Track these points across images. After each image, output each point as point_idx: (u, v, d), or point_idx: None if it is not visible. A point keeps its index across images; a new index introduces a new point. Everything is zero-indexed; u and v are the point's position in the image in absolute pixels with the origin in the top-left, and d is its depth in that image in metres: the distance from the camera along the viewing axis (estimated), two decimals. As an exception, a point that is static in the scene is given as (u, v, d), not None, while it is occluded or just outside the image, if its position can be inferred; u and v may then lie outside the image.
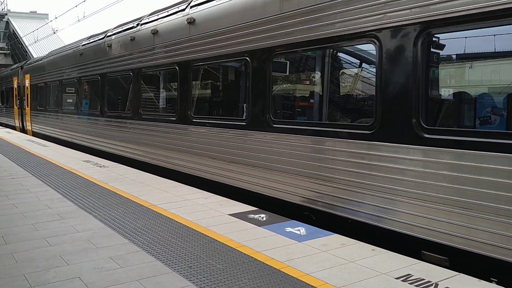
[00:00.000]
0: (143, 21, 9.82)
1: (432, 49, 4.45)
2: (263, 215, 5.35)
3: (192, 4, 7.98)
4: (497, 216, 3.73)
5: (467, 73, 4.70)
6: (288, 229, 4.78)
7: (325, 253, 4.07)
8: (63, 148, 13.03)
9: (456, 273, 3.59)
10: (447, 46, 4.47)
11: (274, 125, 6.00)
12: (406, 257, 3.96)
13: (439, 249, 4.17)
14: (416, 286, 3.35)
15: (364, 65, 5.59)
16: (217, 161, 7.09)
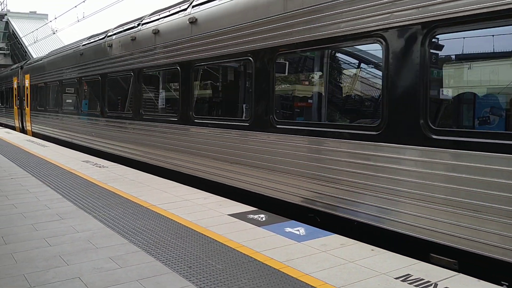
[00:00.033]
0: (144, 21, 9.76)
1: (440, 49, 4.38)
2: (262, 215, 5.35)
3: (194, 4, 7.93)
4: (508, 218, 3.66)
5: (476, 73, 4.62)
6: (288, 229, 4.79)
7: (324, 253, 4.07)
8: (63, 148, 13.03)
9: (456, 273, 3.59)
10: (455, 45, 4.39)
11: (277, 126, 5.94)
12: (405, 257, 3.96)
13: (448, 252, 4.09)
14: (415, 286, 3.35)
15: (369, 65, 5.51)
16: (219, 162, 7.04)
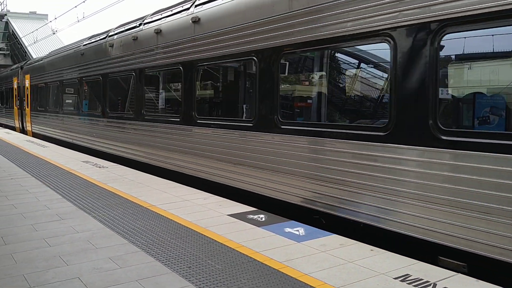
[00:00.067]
0: (146, 21, 9.67)
1: (450, 48, 4.28)
2: (262, 216, 5.36)
3: (197, 3, 7.84)
4: None
5: (488, 72, 4.51)
6: (287, 230, 4.80)
7: (324, 253, 4.08)
8: (62, 149, 13.03)
9: (454, 273, 3.60)
10: (466, 45, 4.28)
11: (282, 127, 5.87)
12: (404, 257, 3.97)
13: (458, 255, 4.00)
14: (414, 286, 3.36)
15: (376, 65, 5.42)
16: (222, 163, 6.97)
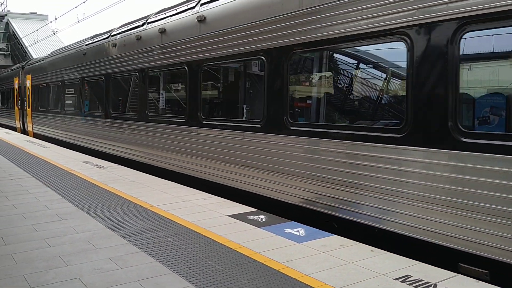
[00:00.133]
0: (150, 20, 9.51)
1: (472, 47, 4.12)
2: (262, 216, 5.36)
3: (202, 2, 7.71)
4: None
5: (510, 72, 4.32)
6: (288, 230, 4.79)
7: (324, 254, 4.08)
8: (63, 149, 13.03)
9: (455, 274, 3.60)
10: (488, 43, 4.08)
11: (292, 128, 5.72)
12: (405, 258, 3.97)
13: (480, 262, 3.86)
14: (415, 287, 3.36)
15: (392, 65, 5.22)
16: (228, 164, 6.84)
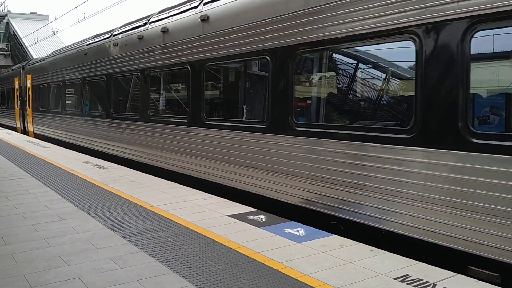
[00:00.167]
0: (152, 19, 9.42)
1: (482, 46, 4.05)
2: (262, 216, 5.36)
3: (205, 1, 7.65)
4: None
5: None
6: (287, 230, 4.80)
7: (324, 254, 4.09)
8: (63, 149, 13.04)
9: (454, 273, 3.61)
10: (498, 42, 4.02)
11: (297, 128, 5.65)
12: (404, 257, 3.97)
13: (490, 265, 3.81)
14: (414, 286, 3.36)
15: (400, 64, 5.15)
16: (231, 165, 6.78)
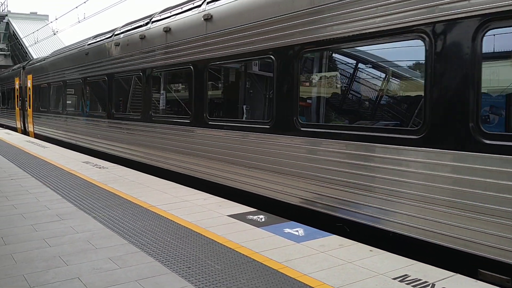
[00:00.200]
0: (154, 19, 9.34)
1: (494, 45, 3.97)
2: (261, 216, 5.37)
3: (208, 0, 7.56)
4: None
5: None
6: (287, 230, 4.80)
7: (323, 254, 4.09)
8: (63, 149, 13.04)
9: (453, 273, 3.61)
10: (510, 41, 3.95)
11: (302, 129, 5.57)
12: (403, 257, 3.98)
13: (502, 269, 3.74)
14: (413, 286, 3.37)
15: (409, 64, 5.06)
16: (234, 166, 6.72)
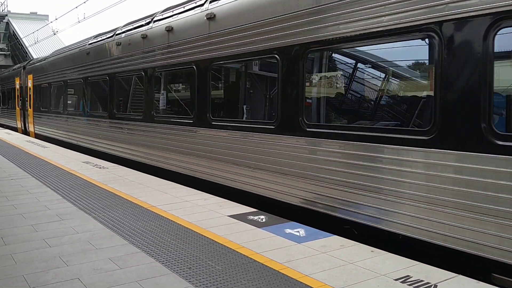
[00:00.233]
0: (156, 18, 9.28)
1: (505, 44, 3.89)
2: (262, 217, 5.35)
3: None
4: None
5: None
6: (288, 231, 4.79)
7: (324, 255, 4.08)
8: (63, 149, 13.02)
9: (455, 274, 3.59)
10: None
11: (308, 129, 5.49)
12: (405, 258, 3.96)
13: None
14: (415, 287, 3.35)
15: (418, 63, 4.97)
16: (238, 167, 6.65)
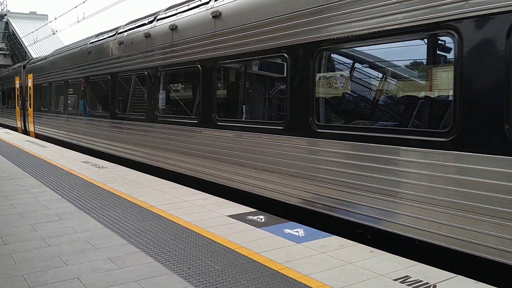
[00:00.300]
0: (159, 17, 9.15)
1: None
2: (261, 217, 5.36)
3: None
4: None
5: None
6: (287, 231, 4.79)
7: (323, 255, 4.08)
8: (62, 149, 13.02)
9: (454, 274, 3.60)
10: None
11: (319, 130, 5.38)
12: (404, 258, 3.97)
13: None
14: (414, 287, 3.35)
15: (435, 61, 4.78)
16: (245, 168, 6.54)
